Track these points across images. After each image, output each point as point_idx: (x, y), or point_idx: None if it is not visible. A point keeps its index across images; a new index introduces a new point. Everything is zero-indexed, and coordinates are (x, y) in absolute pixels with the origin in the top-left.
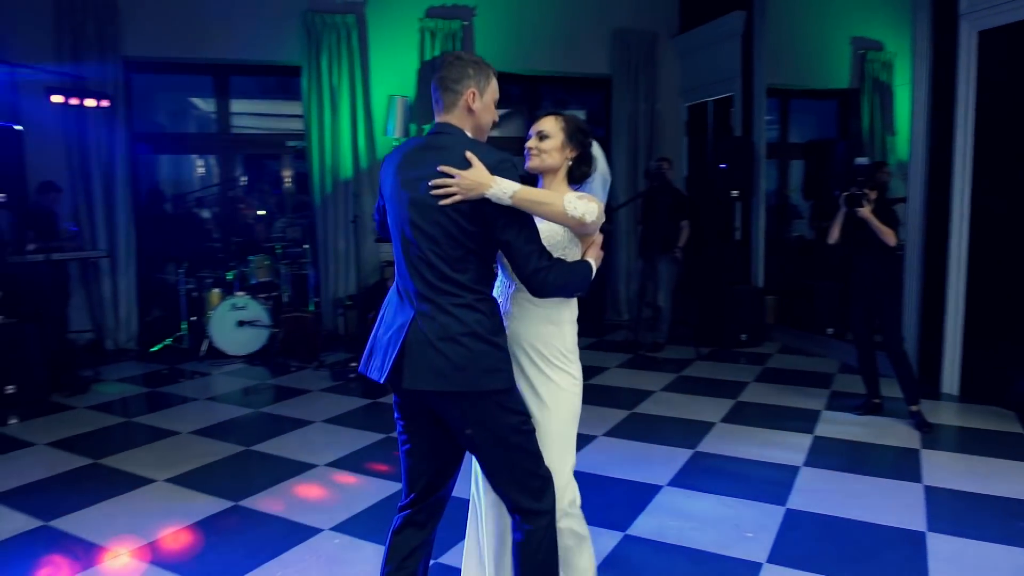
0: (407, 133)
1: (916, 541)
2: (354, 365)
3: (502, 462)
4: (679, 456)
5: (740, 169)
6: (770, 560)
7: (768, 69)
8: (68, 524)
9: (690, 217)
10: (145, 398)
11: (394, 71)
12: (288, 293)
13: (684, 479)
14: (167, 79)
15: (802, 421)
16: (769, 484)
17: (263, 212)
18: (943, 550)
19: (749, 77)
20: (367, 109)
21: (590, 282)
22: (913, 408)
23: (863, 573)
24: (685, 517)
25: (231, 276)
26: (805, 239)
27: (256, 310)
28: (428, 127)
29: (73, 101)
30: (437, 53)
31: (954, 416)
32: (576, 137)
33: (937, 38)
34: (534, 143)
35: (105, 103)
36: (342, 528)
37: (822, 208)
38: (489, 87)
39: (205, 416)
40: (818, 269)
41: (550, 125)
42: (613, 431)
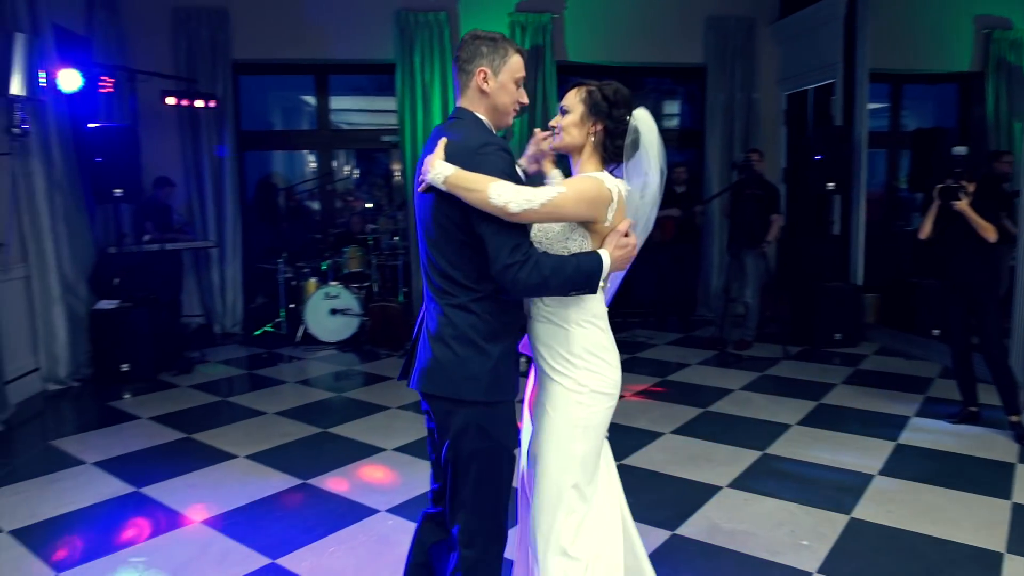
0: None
1: (991, 563)
2: None
3: (459, 484)
4: (745, 457)
5: (837, 160)
6: (820, 570)
7: (876, 53)
8: (155, 491)
9: (781, 211)
10: (241, 379)
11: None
12: (378, 283)
13: (746, 481)
14: (272, 79)
15: (887, 427)
16: (837, 491)
17: (371, 205)
18: (1020, 574)
19: (851, 62)
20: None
21: (596, 279)
22: (1013, 419)
23: None
24: (739, 520)
25: (326, 266)
26: (912, 234)
27: (348, 299)
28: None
29: (184, 102)
30: (527, 47)
31: None
32: (599, 108)
33: None
34: (556, 120)
35: (213, 103)
36: (397, 510)
37: (931, 201)
38: (506, 65)
39: (292, 398)
40: (924, 266)
41: (571, 98)
42: (681, 429)
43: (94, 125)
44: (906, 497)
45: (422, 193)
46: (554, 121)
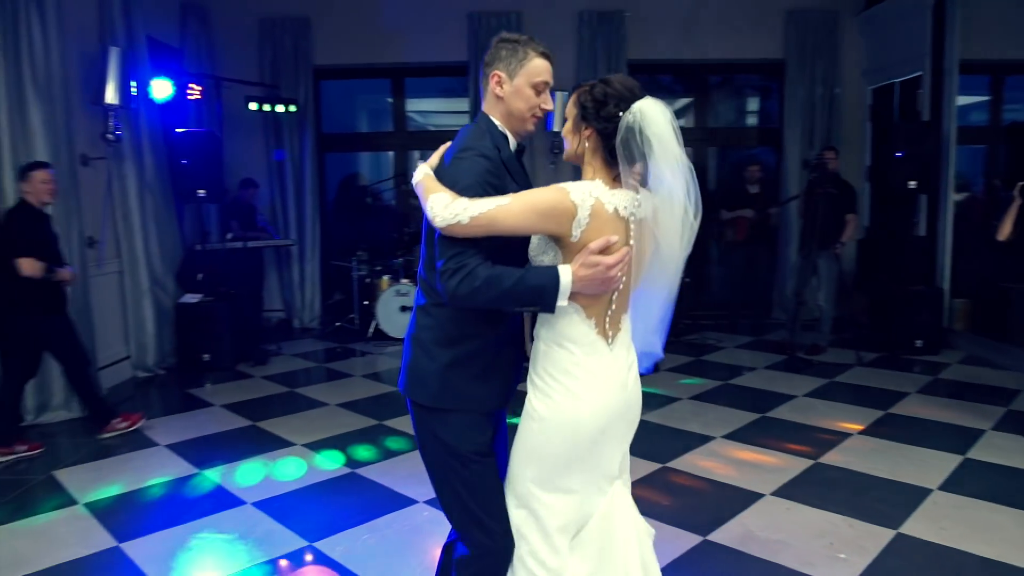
0: None
1: None
2: None
3: (436, 488)
4: (795, 465)
5: (921, 157)
6: None
7: (974, 42)
8: (214, 473)
9: (857, 210)
10: (312, 372)
11: (554, 65)
12: None
13: (791, 490)
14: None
15: (957, 440)
16: (887, 504)
17: None
18: None
19: (939, 53)
20: None
21: (548, 295)
22: None
23: None
24: (776, 528)
25: (398, 264)
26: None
27: None
28: None
29: (266, 107)
30: (597, 45)
31: None
32: (587, 111)
33: None
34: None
35: (292, 108)
36: (434, 502)
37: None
38: (523, 69)
39: (357, 391)
40: (1016, 270)
41: (569, 103)
42: (733, 434)
43: (181, 130)
44: (962, 514)
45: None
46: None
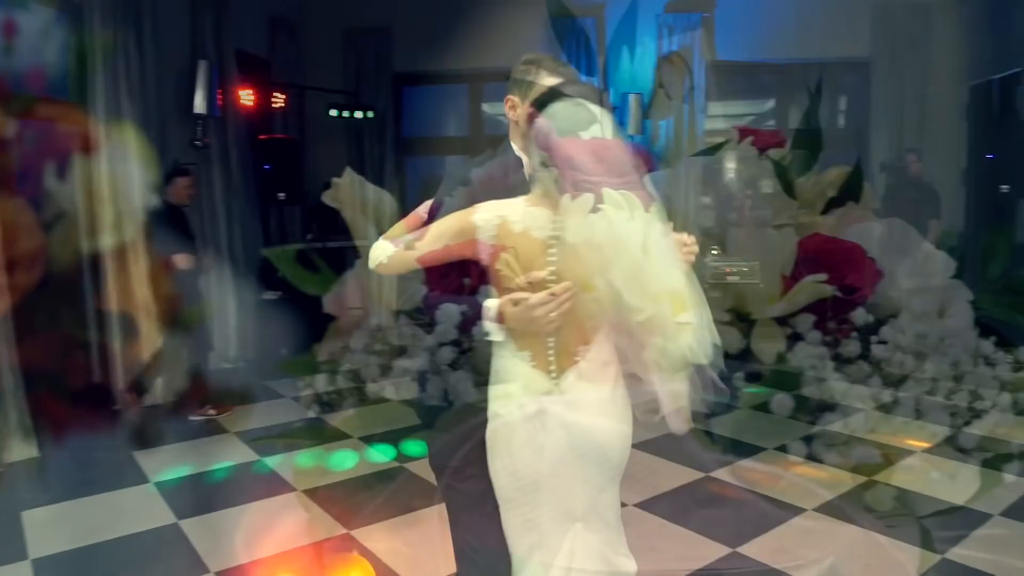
0: (641, 131)
1: None
2: None
3: None
4: (849, 482)
5: (1016, 159)
6: None
7: None
8: (272, 461)
9: (940, 216)
10: (381, 368)
11: (631, 68)
12: None
13: (839, 507)
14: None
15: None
16: (939, 527)
17: None
18: None
19: None
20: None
21: (482, 331)
22: None
23: None
24: (813, 545)
25: None
26: None
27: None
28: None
29: (346, 114)
30: (675, 48)
31: None
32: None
33: None
34: None
35: (370, 113)
36: None
37: None
38: (534, 91)
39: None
40: None
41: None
42: (786, 446)
43: (264, 137)
44: (1022, 543)
45: None
46: None
